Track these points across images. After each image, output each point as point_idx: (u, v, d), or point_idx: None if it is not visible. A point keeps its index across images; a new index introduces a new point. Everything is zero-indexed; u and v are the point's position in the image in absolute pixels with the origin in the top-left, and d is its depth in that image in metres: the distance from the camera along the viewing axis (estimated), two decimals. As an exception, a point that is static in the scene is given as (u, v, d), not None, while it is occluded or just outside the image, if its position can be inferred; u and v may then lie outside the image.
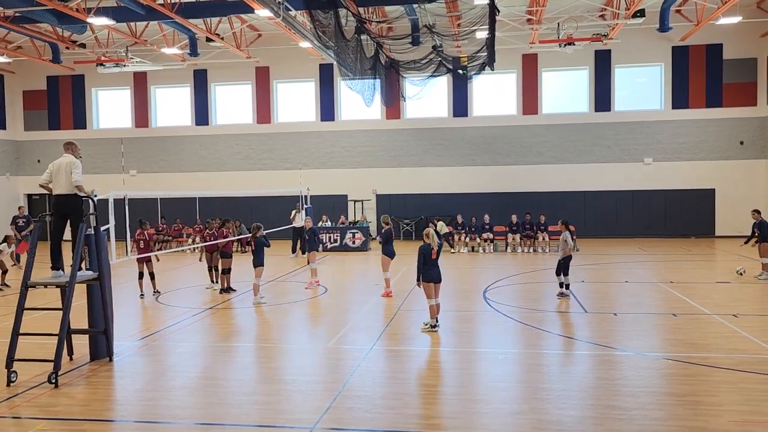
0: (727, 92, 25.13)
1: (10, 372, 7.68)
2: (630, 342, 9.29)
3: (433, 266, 10.02)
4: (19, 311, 8.00)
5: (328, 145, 27.70)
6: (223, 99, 28.83)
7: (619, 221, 25.90)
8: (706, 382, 7.41)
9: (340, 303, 13.06)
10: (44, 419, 6.58)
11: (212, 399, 7.17)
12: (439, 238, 10.20)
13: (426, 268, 9.99)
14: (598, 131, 26.01)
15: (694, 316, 10.96)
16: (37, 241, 8.54)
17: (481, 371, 8.18)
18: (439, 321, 10.20)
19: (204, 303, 13.13)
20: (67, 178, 8.53)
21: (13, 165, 29.86)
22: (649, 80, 26.11)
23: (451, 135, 26.90)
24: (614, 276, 15.99)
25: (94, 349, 8.78)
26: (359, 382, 7.61)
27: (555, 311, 11.70)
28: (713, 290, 13.60)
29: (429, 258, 9.97)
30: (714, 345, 9.03)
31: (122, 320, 11.16)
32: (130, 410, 7.01)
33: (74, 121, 29.46)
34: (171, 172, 28.64)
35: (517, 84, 26.48)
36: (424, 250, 9.99)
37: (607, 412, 6.50)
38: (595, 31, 22.66)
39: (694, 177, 25.40)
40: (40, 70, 28.90)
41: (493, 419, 6.40)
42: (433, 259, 9.98)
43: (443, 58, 21.15)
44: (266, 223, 14.80)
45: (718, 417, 6.28)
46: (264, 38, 26.82)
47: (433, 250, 9.97)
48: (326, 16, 14.27)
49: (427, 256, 9.97)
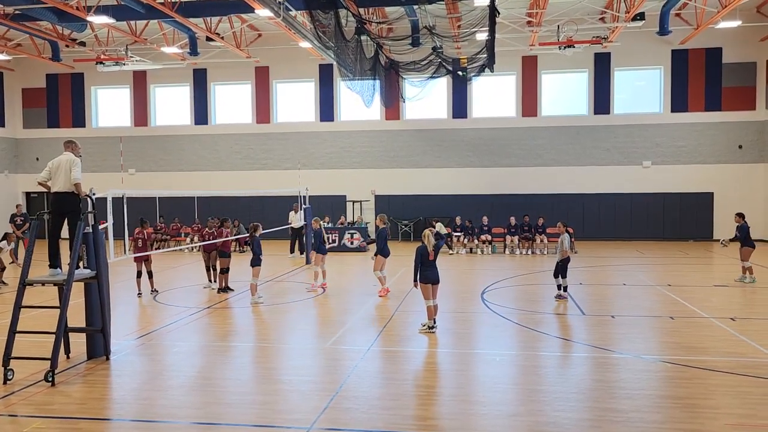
0: (726, 96, 25.18)
1: (7, 370, 7.66)
2: (627, 345, 9.29)
3: (431, 267, 10.05)
4: (16, 309, 7.99)
5: (328, 145, 27.71)
6: (223, 98, 28.83)
7: (618, 224, 25.92)
8: (703, 385, 7.41)
9: (337, 303, 13.05)
10: (40, 417, 6.56)
11: (209, 398, 7.16)
12: (441, 239, 10.22)
13: (423, 269, 10.01)
14: (597, 134, 26.04)
15: (692, 319, 10.97)
16: (35, 239, 8.52)
17: (479, 373, 8.18)
18: (436, 322, 10.21)
19: (202, 302, 13.12)
20: (66, 175, 8.51)
21: (11, 163, 29.83)
22: (648, 83, 26.16)
23: (451, 136, 26.92)
24: (612, 279, 16.00)
25: (91, 348, 8.76)
26: (356, 383, 7.61)
27: (553, 313, 11.71)
28: (711, 293, 13.61)
29: (426, 259, 10.00)
30: (711, 348, 9.04)
31: (120, 319, 11.14)
32: (127, 409, 7.00)
33: (73, 120, 29.45)
34: (170, 171, 28.63)
35: (517, 86, 26.51)
36: (421, 251, 10.04)
37: (604, 414, 6.50)
38: (594, 34, 22.69)
39: (692, 180, 25.44)
40: (39, 68, 28.89)
41: (490, 421, 6.40)
42: (430, 260, 10.01)
43: (443, 60, 21.16)
44: (265, 223, 14.83)
45: (714, 420, 6.28)
46: (264, 38, 26.82)
47: (430, 251, 10.01)
48: (326, 17, 14.27)
49: (424, 257, 10.01)
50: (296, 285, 15.25)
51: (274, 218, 23.94)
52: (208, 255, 14.51)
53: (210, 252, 14.46)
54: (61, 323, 7.85)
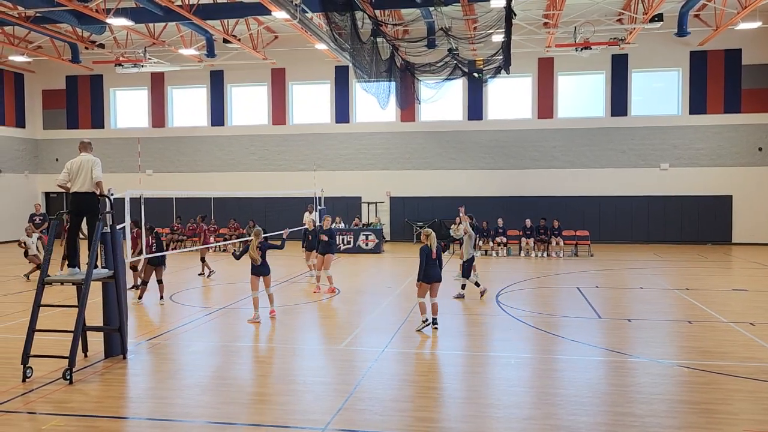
0: (746, 98, 24.86)
1: (26, 368, 7.76)
2: (644, 349, 9.20)
3: (433, 266, 10.32)
4: (35, 308, 8.09)
5: (343, 147, 27.77)
6: (239, 100, 29.01)
7: (635, 227, 25.69)
8: (720, 391, 7.32)
9: (352, 305, 13.06)
10: (58, 415, 6.64)
11: (224, 398, 7.20)
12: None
13: (426, 267, 10.28)
14: (613, 136, 25.83)
15: (710, 323, 10.84)
16: (54, 239, 8.63)
17: (493, 375, 8.15)
18: (437, 321, 10.33)
19: (217, 303, 13.20)
20: (86, 175, 8.60)
21: (31, 163, 30.25)
22: (666, 85, 25.90)
23: (466, 138, 26.85)
24: (629, 282, 15.86)
25: (108, 347, 8.85)
26: (371, 384, 7.61)
27: (568, 316, 11.63)
28: (730, 298, 13.45)
29: (429, 258, 10.29)
30: (730, 353, 8.92)
31: (136, 318, 11.25)
32: (143, 408, 7.07)
33: (92, 121, 29.80)
34: (186, 172, 28.86)
35: (533, 88, 26.38)
36: (426, 250, 10.26)
37: (620, 418, 6.44)
38: (612, 35, 22.51)
39: (711, 183, 25.14)
40: (59, 70, 29.27)
41: (504, 424, 6.37)
42: (433, 258, 10.31)
43: (459, 61, 21.13)
44: (280, 224, 14.87)
45: (732, 426, 6.20)
46: (280, 40, 26.95)
47: (433, 250, 10.25)
48: (342, 18, 14.32)
49: (428, 256, 10.27)
50: (311, 286, 15.26)
51: (289, 219, 24.04)
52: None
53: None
54: (79, 322, 7.93)
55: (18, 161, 29.54)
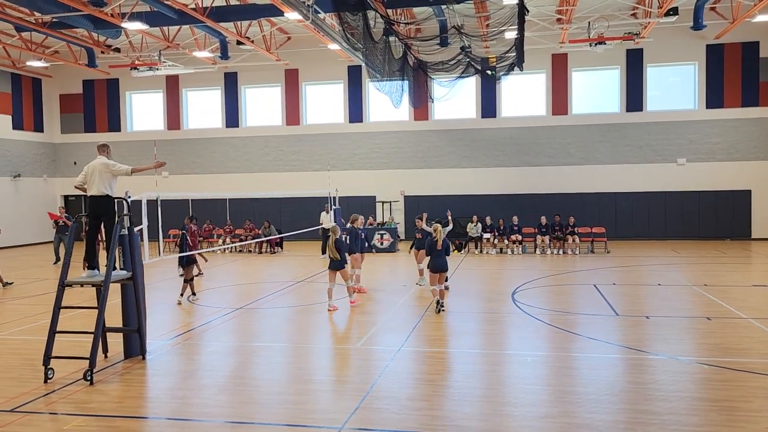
0: (764, 91, 24.51)
1: (47, 369, 7.88)
2: (662, 346, 9.13)
3: (439, 256, 11.35)
4: (55, 310, 8.21)
5: (356, 146, 27.81)
6: (253, 101, 29.15)
7: (652, 223, 25.45)
8: (741, 388, 7.24)
9: (367, 303, 13.09)
10: (80, 416, 6.73)
11: (242, 398, 7.26)
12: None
13: (432, 258, 11.45)
14: (629, 131, 25.60)
15: (730, 320, 10.72)
16: (73, 242, 8.75)
17: (510, 374, 8.13)
18: (442, 304, 11.46)
19: (235, 303, 13.29)
20: (101, 179, 8.74)
21: (50, 167, 30.63)
22: (682, 79, 25.61)
23: (480, 136, 26.77)
24: (647, 278, 15.72)
25: (128, 348, 8.96)
26: (387, 383, 7.63)
27: (585, 314, 11.55)
28: (749, 294, 13.28)
29: (434, 249, 11.37)
30: (750, 350, 8.82)
31: (155, 319, 11.37)
32: (162, 408, 7.14)
33: (109, 124, 30.11)
34: (202, 173, 29.06)
35: (547, 84, 26.22)
36: (430, 242, 11.62)
37: (639, 416, 6.40)
38: (626, 30, 22.31)
39: (729, 178, 24.83)
40: (76, 74, 29.62)
41: (521, 422, 6.35)
42: (438, 249, 11.32)
43: (471, 59, 21.06)
44: (295, 224, 14.94)
45: (754, 424, 6.14)
46: (293, 41, 27.04)
47: (437, 241, 11.35)
48: (355, 18, 14.33)
49: (433, 247, 11.44)
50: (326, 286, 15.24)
51: (304, 219, 24.15)
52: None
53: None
54: (99, 323, 8.04)
55: (36, 165, 29.92)
